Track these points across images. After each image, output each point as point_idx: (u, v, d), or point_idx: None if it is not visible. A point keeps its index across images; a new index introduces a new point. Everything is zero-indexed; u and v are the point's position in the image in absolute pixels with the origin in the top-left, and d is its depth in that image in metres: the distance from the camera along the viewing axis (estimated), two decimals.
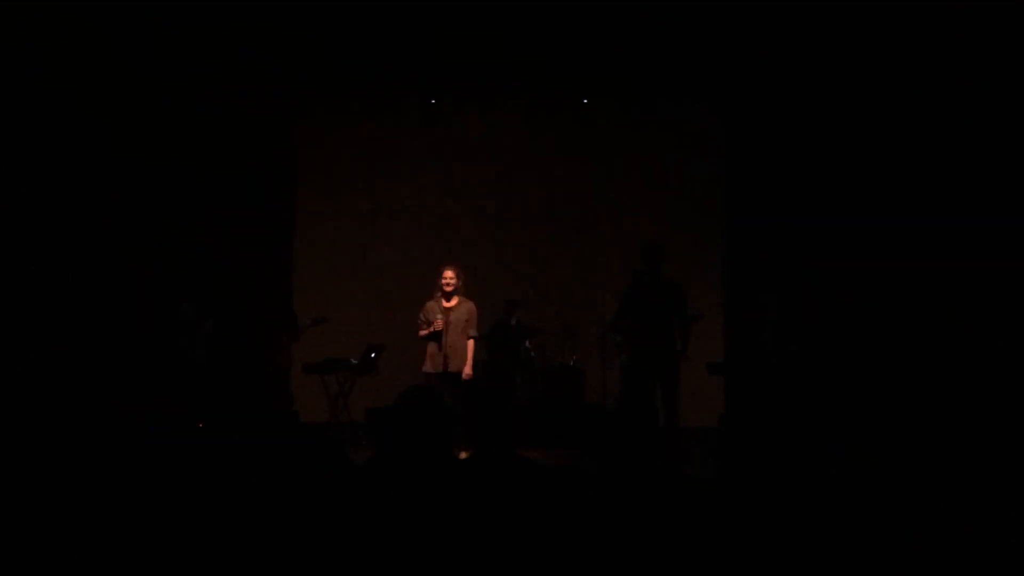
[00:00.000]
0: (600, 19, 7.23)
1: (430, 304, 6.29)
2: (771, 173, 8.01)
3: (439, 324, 6.09)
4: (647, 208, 8.81)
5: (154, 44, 6.88)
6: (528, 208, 8.98)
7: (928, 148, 6.60)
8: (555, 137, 8.91)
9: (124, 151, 7.01)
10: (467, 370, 6.18)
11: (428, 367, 6.18)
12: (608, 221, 8.97)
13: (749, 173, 8.30)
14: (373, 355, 7.41)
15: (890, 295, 6.80)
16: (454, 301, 6.23)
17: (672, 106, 8.70)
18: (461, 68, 8.02)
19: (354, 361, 7.37)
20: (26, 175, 6.32)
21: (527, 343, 8.25)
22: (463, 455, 3.08)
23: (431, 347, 6.19)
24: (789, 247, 7.74)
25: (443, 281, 6.21)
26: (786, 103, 7.76)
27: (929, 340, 6.41)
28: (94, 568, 2.89)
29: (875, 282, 6.88)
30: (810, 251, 7.49)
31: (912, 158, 6.71)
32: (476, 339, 6.35)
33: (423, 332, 6.21)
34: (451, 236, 8.76)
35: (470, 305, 6.32)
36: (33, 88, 6.39)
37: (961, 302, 6.28)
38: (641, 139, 8.85)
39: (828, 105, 7.32)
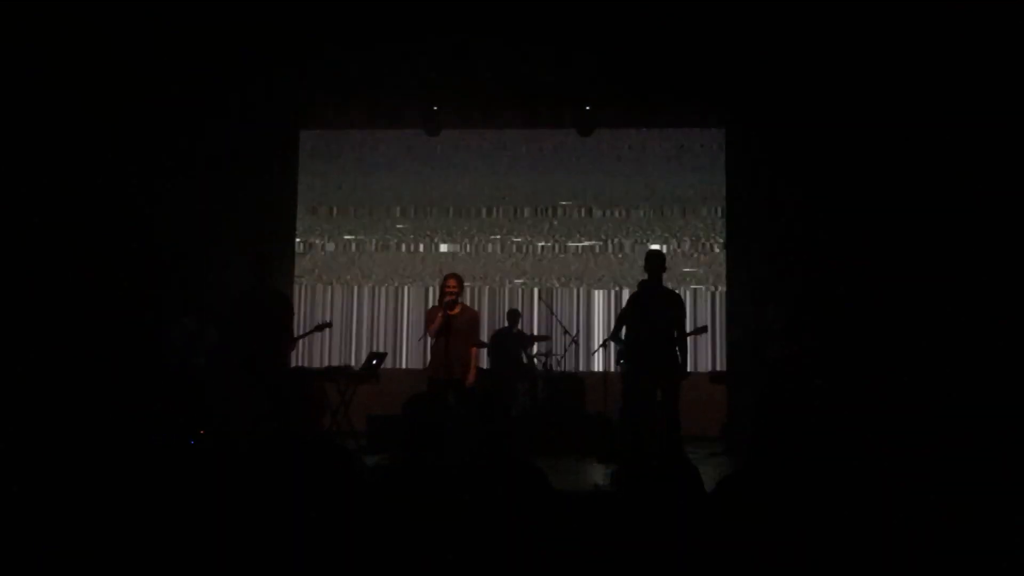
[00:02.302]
0: (602, 25, 7.20)
1: (434, 309, 6.27)
2: (772, 180, 7.97)
3: (438, 321, 6.02)
4: (649, 215, 8.78)
5: (158, 50, 6.82)
6: (530, 215, 8.95)
7: (929, 155, 6.60)
8: (557, 144, 8.87)
9: (125, 157, 6.95)
10: (470, 377, 6.13)
11: (432, 374, 6.13)
12: (611, 228, 8.94)
13: (750, 180, 8.26)
14: (375, 362, 7.35)
15: (895, 303, 6.77)
16: (457, 309, 6.19)
17: (674, 112, 8.67)
18: (463, 74, 7.97)
19: (355, 368, 7.31)
20: (26, 180, 6.26)
21: (529, 351, 8.20)
22: (469, 460, 3.03)
23: (435, 355, 6.14)
24: (791, 256, 7.70)
25: (447, 290, 6.17)
26: (789, 108, 7.73)
27: (930, 346, 6.40)
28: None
29: (879, 290, 6.86)
30: (812, 259, 7.46)
31: (914, 167, 6.70)
32: (479, 347, 6.31)
33: (432, 328, 6.13)
34: (453, 244, 8.71)
35: (473, 313, 6.36)
36: (33, 90, 6.32)
37: (961, 306, 6.28)
38: (644, 146, 8.81)
39: (832, 110, 7.29)
